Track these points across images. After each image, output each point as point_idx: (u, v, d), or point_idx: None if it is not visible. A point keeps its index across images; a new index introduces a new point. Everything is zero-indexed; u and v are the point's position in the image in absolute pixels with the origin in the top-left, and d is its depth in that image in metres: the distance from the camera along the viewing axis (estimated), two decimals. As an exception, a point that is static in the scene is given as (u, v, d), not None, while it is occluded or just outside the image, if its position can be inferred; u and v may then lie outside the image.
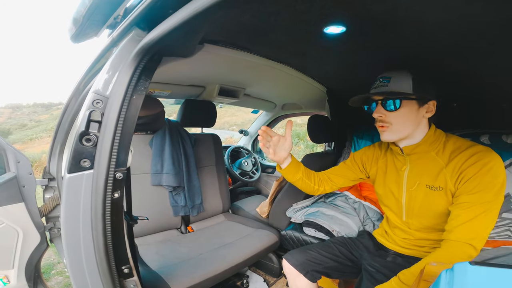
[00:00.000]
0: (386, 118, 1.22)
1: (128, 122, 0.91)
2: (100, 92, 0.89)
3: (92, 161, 0.89)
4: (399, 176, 1.34)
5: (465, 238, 1.05)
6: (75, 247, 0.94)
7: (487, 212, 1.06)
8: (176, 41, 0.94)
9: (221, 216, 2.60)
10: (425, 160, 1.25)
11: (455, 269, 0.59)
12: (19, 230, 1.57)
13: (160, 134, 2.25)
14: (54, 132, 1.81)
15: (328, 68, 1.90)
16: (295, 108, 3.17)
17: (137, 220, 1.22)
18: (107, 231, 0.93)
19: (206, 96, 2.53)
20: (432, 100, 1.19)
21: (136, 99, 0.92)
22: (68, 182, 0.89)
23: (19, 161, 1.64)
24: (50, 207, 1.84)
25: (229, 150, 3.33)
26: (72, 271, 0.97)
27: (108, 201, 0.91)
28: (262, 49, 1.60)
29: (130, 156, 0.96)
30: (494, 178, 1.07)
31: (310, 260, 1.47)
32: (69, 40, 1.07)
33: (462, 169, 1.12)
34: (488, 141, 1.80)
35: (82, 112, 0.88)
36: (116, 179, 0.92)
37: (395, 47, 1.36)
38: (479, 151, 1.12)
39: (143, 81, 0.94)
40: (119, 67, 0.90)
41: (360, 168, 1.54)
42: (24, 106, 25.68)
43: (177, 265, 1.71)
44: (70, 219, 0.92)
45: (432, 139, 1.23)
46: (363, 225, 1.92)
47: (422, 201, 1.26)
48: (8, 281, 1.57)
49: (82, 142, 0.87)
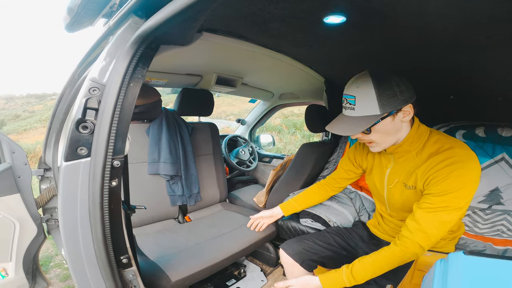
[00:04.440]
0: (365, 138, 1.22)
1: (125, 109, 0.90)
2: (96, 80, 0.87)
3: (89, 148, 0.88)
4: (382, 173, 1.37)
5: (419, 240, 1.09)
6: (73, 237, 0.93)
7: (447, 216, 1.07)
8: (174, 29, 0.92)
9: (218, 205, 2.61)
10: (406, 159, 1.26)
11: (449, 258, 0.60)
12: (16, 222, 1.55)
13: (157, 122, 2.23)
14: (49, 122, 1.79)
15: (326, 58, 1.90)
16: (293, 97, 3.16)
17: (135, 209, 1.22)
18: (105, 220, 0.93)
19: (203, 85, 2.51)
20: (407, 104, 1.14)
21: (133, 87, 0.91)
22: (65, 170, 0.88)
23: (14, 151, 1.62)
24: (47, 198, 1.82)
25: (226, 139, 3.32)
26: (71, 262, 0.96)
27: (106, 189, 0.90)
28: (260, 38, 1.58)
29: (127, 144, 0.95)
30: (462, 185, 1.06)
31: (306, 250, 1.48)
32: (64, 30, 1.05)
33: (432, 171, 1.12)
34: (483, 133, 1.81)
35: (78, 100, 0.87)
36: (114, 166, 0.91)
37: (395, 38, 1.35)
38: (453, 156, 1.10)
39: (140, 69, 0.92)
40: (116, 54, 0.88)
41: (355, 165, 1.58)
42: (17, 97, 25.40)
43: (175, 255, 1.72)
44: (67, 208, 0.91)
45: (413, 138, 1.21)
46: (359, 215, 1.93)
47: (399, 198, 1.30)
48: (6, 274, 1.55)
49: (79, 130, 0.86)
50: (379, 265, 1.12)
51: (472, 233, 1.75)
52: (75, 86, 1.53)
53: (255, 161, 3.48)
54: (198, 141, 2.53)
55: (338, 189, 1.71)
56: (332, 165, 2.37)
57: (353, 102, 1.15)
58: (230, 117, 11.66)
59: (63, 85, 1.62)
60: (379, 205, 1.52)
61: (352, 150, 1.59)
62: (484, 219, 1.76)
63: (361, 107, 1.13)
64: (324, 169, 2.40)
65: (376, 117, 1.11)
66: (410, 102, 1.14)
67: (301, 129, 10.36)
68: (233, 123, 3.89)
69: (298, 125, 10.63)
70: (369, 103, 1.11)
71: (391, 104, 1.11)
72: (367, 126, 1.11)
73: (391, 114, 1.13)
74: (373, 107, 1.11)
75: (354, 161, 1.57)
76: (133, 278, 1.11)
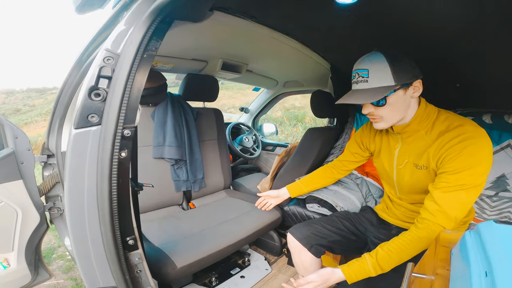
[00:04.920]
0: (375, 112, 1.20)
1: (138, 79, 0.91)
2: (111, 50, 0.88)
3: (101, 116, 0.88)
4: (391, 154, 1.36)
5: (441, 221, 1.06)
6: (79, 214, 0.92)
7: (465, 195, 1.05)
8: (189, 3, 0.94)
9: (223, 192, 2.61)
10: (415, 138, 1.24)
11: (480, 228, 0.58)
12: (18, 210, 1.52)
13: (162, 106, 2.21)
14: (53, 107, 1.76)
15: (334, 42, 1.89)
16: (297, 85, 3.15)
17: (142, 187, 1.20)
18: (112, 195, 0.91)
19: (208, 71, 2.51)
20: (417, 80, 1.13)
21: (146, 58, 0.92)
22: (75, 138, 0.87)
23: (17, 136, 1.58)
24: (50, 185, 1.79)
25: (230, 126, 3.31)
26: (75, 243, 0.95)
27: (115, 160, 0.89)
28: (270, 19, 1.58)
29: (138, 114, 0.94)
30: (476, 162, 1.04)
31: (315, 234, 1.46)
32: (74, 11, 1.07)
33: (444, 149, 1.11)
34: (490, 120, 1.81)
35: (91, 70, 0.87)
36: (124, 136, 0.90)
37: (405, 20, 1.33)
38: (464, 133, 1.08)
39: (154, 41, 0.93)
40: (133, 25, 0.89)
41: (362, 148, 1.56)
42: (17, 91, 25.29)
43: (180, 241, 1.71)
44: (74, 181, 0.90)
45: (422, 117, 1.20)
46: (366, 201, 1.91)
47: (409, 179, 1.28)
48: (8, 264, 1.53)
49: (91, 97, 0.86)
50: (406, 250, 1.08)
51: (480, 219, 1.75)
52: (83, 67, 1.51)
53: (259, 149, 3.48)
54: (203, 126, 2.51)
55: (344, 172, 1.69)
56: (338, 150, 2.35)
57: (366, 75, 1.13)
58: (231, 110, 11.63)
59: (70, 67, 1.60)
60: (388, 189, 1.49)
61: (359, 133, 1.57)
62: (491, 206, 1.77)
63: (375, 79, 1.12)
64: (329, 155, 2.39)
65: (390, 88, 1.10)
66: (419, 78, 1.14)
67: (302, 121, 10.36)
68: (234, 116, 3.88)
69: (300, 117, 10.63)
70: (383, 74, 1.10)
71: (404, 76, 1.10)
72: (383, 95, 1.10)
73: (404, 87, 1.12)
74: (388, 78, 1.10)
75: (361, 144, 1.55)
76: (139, 262, 1.08)
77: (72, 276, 2.37)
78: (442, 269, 0.64)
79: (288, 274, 2.12)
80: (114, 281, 1.00)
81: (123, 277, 1.00)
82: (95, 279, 1.00)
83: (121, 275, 0.99)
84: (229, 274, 2.07)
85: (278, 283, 2.02)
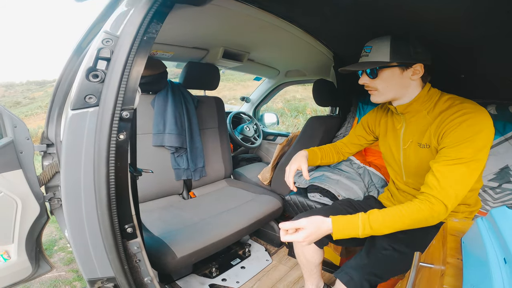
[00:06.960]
0: (370, 84, 1.28)
1: (137, 61, 0.89)
2: (110, 32, 0.86)
3: (98, 97, 0.86)
4: (396, 135, 1.38)
5: (441, 196, 1.05)
6: (75, 199, 0.90)
7: (465, 169, 1.05)
8: None
9: (223, 181, 2.60)
10: (417, 118, 1.28)
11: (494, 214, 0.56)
12: (18, 200, 1.50)
13: (162, 94, 2.19)
14: (52, 95, 1.73)
15: (338, 30, 1.86)
16: (299, 75, 3.12)
17: (141, 172, 1.18)
18: (110, 180, 0.88)
19: (209, 60, 2.48)
20: (418, 63, 1.19)
21: (146, 41, 0.90)
22: (71, 120, 0.85)
23: (15, 125, 1.56)
24: (49, 175, 1.76)
25: (230, 115, 3.30)
26: (71, 229, 0.93)
27: (113, 142, 0.87)
28: (273, 4, 1.55)
29: (137, 97, 0.92)
30: (475, 134, 1.05)
31: None
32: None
33: (444, 125, 1.13)
34: (495, 111, 1.80)
35: (90, 51, 0.85)
36: (123, 117, 0.88)
37: (414, 6, 1.30)
38: (463, 109, 1.10)
39: (154, 24, 0.92)
40: (132, 8, 0.88)
41: (367, 131, 1.59)
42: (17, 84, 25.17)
43: (180, 230, 1.70)
44: (70, 164, 0.88)
45: (424, 98, 1.25)
46: (368, 191, 1.90)
47: (414, 159, 1.30)
48: (9, 256, 1.51)
49: (89, 78, 0.84)
50: (401, 217, 1.07)
51: (484, 211, 1.73)
52: (82, 55, 1.49)
53: (260, 138, 3.46)
54: (204, 115, 2.49)
55: (346, 153, 1.69)
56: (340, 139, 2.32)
57: (369, 50, 1.25)
58: (232, 101, 11.58)
59: (69, 55, 1.58)
60: (393, 174, 1.49)
61: (366, 116, 1.60)
62: (494, 198, 1.76)
63: (374, 54, 1.23)
64: (331, 144, 2.36)
65: (384, 63, 1.20)
66: (422, 63, 1.19)
67: (303, 112, 10.35)
68: (235, 107, 3.85)
69: (300, 109, 10.61)
70: (382, 51, 1.20)
71: (402, 56, 1.18)
72: (373, 66, 1.22)
73: (401, 66, 1.20)
74: (384, 54, 1.20)
75: (367, 127, 1.58)
76: (137, 251, 1.06)
77: (73, 268, 2.36)
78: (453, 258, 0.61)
79: (289, 265, 2.11)
80: (112, 271, 0.99)
81: (122, 267, 0.98)
82: (93, 269, 0.98)
83: (119, 265, 0.98)
84: (229, 265, 2.07)
85: (278, 274, 2.02)
